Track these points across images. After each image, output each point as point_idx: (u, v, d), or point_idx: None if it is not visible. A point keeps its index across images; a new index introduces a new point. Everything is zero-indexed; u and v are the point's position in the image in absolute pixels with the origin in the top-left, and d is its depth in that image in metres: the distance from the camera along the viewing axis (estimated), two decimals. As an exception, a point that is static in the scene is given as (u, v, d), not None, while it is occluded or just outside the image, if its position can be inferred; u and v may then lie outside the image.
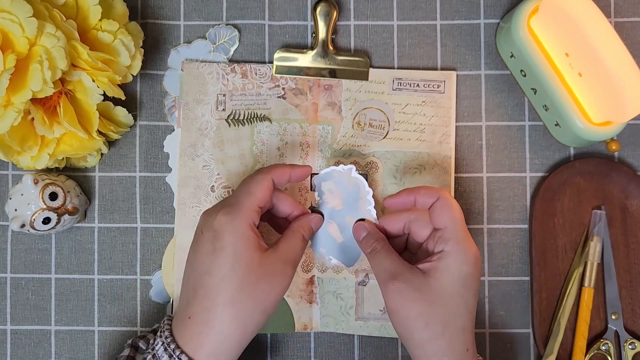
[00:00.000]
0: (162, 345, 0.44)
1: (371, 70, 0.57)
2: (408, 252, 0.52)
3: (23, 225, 0.53)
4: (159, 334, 0.46)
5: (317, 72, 0.57)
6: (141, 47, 0.55)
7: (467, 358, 0.46)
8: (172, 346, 0.44)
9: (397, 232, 0.51)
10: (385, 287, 0.46)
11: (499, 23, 0.58)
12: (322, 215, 0.52)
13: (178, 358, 0.43)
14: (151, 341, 0.48)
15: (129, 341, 0.51)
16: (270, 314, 0.45)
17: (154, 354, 0.45)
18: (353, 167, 0.52)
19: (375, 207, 0.52)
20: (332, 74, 0.57)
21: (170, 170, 0.58)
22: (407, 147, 0.57)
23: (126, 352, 0.49)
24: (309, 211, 0.52)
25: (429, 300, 0.45)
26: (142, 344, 0.50)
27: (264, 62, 0.58)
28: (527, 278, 0.57)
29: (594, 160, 0.57)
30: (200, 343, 0.43)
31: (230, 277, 0.43)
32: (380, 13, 0.58)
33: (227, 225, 0.44)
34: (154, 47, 0.58)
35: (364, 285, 0.57)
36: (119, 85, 0.53)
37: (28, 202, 0.53)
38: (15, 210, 0.53)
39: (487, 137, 0.58)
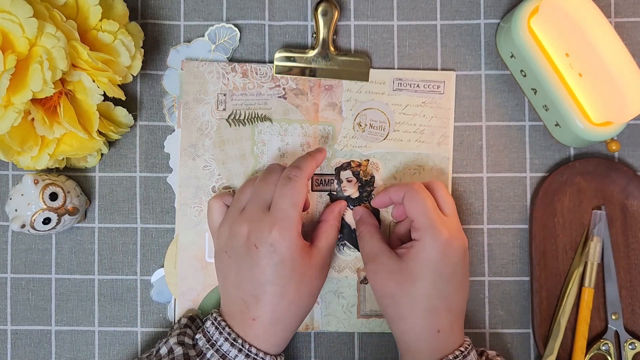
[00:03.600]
0: (225, 341, 0.49)
1: (371, 70, 0.57)
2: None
3: (23, 226, 0.53)
4: (217, 331, 0.50)
5: (318, 73, 0.57)
6: (141, 47, 0.55)
7: (439, 339, 0.49)
8: (240, 341, 0.49)
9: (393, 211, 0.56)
10: (365, 267, 0.53)
11: (499, 23, 0.58)
12: (346, 200, 0.58)
13: (248, 350, 0.48)
14: (197, 336, 0.51)
15: (174, 339, 0.50)
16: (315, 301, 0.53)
17: (218, 348, 0.49)
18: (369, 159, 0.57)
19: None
20: (333, 74, 0.57)
21: (171, 170, 0.58)
22: (407, 149, 0.57)
23: (180, 350, 0.49)
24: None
25: (399, 282, 0.50)
26: (187, 340, 0.51)
27: (264, 62, 0.58)
28: (527, 278, 0.58)
29: (594, 161, 0.57)
30: (267, 339, 0.49)
31: (290, 284, 0.49)
32: (380, 13, 0.58)
33: (283, 241, 0.48)
34: (154, 47, 0.58)
35: (366, 284, 0.57)
36: (119, 85, 0.53)
37: (28, 203, 0.53)
38: (16, 210, 0.53)
39: (487, 137, 0.58)
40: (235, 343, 0.49)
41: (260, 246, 0.48)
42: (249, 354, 0.48)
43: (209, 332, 0.50)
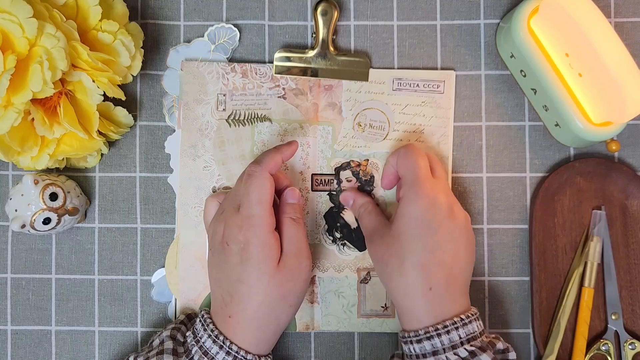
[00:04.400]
0: (209, 337, 0.49)
1: (371, 70, 0.57)
2: None
3: (23, 226, 0.53)
4: (202, 328, 0.50)
5: (318, 73, 0.57)
6: (141, 47, 0.55)
7: (432, 298, 0.48)
8: (221, 338, 0.49)
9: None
10: (366, 243, 0.54)
11: (499, 23, 0.58)
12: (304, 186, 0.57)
13: (229, 348, 0.48)
14: (187, 333, 0.51)
15: (167, 333, 0.52)
16: (299, 304, 0.51)
17: (201, 345, 0.49)
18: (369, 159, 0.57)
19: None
20: (333, 74, 0.57)
21: (171, 170, 0.58)
22: (407, 148, 0.57)
23: (170, 344, 0.50)
24: (290, 181, 0.56)
25: (388, 243, 0.50)
26: (179, 336, 0.52)
27: (264, 62, 0.58)
28: (527, 278, 0.58)
29: (594, 161, 0.57)
30: (244, 337, 0.49)
31: (258, 285, 0.48)
32: (380, 13, 0.58)
33: (252, 239, 0.48)
34: (154, 48, 0.58)
35: (366, 283, 0.57)
36: (119, 85, 0.53)
37: (28, 203, 0.53)
38: (16, 210, 0.53)
39: (487, 137, 0.58)
40: (217, 340, 0.49)
41: (231, 244, 0.49)
42: (230, 351, 0.48)
43: (196, 329, 0.51)
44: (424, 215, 0.49)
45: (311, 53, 0.57)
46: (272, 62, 0.58)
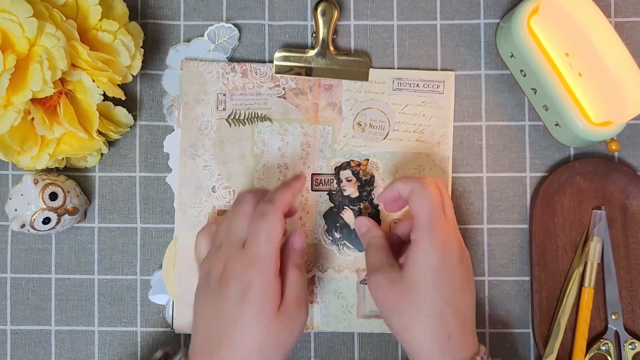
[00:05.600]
0: None
1: (371, 70, 0.57)
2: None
3: (23, 225, 0.53)
4: None
5: (317, 72, 0.57)
6: (141, 47, 0.55)
7: (450, 345, 0.47)
8: None
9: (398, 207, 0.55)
10: (368, 279, 0.51)
11: (499, 23, 0.58)
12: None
13: None
14: None
15: None
16: (289, 354, 0.48)
17: None
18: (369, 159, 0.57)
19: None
20: (333, 74, 0.57)
21: (170, 170, 0.58)
22: (406, 148, 0.57)
23: None
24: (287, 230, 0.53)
25: (400, 291, 0.48)
26: None
27: (264, 62, 0.58)
28: (527, 278, 0.58)
29: (594, 160, 0.57)
30: None
31: (254, 328, 0.45)
32: (380, 13, 0.58)
33: (255, 279, 0.45)
34: (154, 47, 0.58)
35: (366, 284, 0.57)
36: (118, 85, 0.53)
37: (28, 202, 0.53)
38: (15, 210, 0.53)
39: (487, 137, 0.58)
40: None
41: (232, 284, 0.46)
42: None
43: None
44: (440, 264, 0.47)
45: (311, 53, 0.57)
46: (272, 62, 0.58)
